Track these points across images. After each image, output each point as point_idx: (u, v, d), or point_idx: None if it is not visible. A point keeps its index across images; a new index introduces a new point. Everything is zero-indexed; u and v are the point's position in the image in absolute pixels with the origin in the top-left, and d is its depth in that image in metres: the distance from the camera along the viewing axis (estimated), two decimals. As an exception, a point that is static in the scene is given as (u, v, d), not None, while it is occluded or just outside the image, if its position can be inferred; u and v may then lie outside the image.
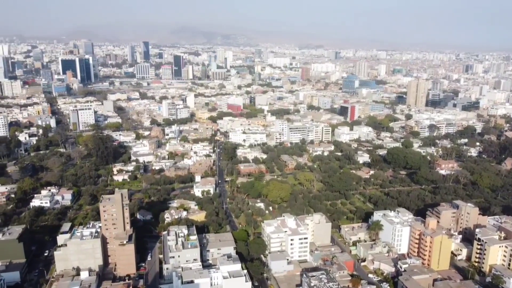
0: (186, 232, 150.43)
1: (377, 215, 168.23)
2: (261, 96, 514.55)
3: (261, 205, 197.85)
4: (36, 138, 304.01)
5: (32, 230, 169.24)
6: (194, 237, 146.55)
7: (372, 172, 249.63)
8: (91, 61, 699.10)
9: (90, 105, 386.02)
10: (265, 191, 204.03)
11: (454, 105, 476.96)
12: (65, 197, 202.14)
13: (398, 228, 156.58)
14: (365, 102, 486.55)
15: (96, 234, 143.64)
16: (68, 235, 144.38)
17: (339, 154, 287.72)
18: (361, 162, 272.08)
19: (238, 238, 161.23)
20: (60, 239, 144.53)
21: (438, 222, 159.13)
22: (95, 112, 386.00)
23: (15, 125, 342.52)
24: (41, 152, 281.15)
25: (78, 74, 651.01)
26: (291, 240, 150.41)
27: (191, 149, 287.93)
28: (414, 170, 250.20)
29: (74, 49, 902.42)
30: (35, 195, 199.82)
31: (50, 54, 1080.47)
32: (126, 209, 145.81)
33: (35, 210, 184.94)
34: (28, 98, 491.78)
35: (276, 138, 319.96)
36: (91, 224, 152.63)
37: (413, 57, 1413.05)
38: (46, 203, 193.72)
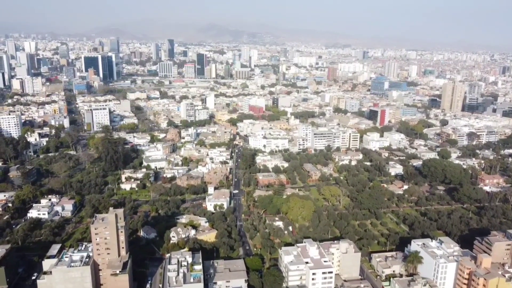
0: (190, 260, 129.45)
1: (415, 245, 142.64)
2: (285, 97, 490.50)
3: (279, 223, 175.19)
4: (47, 139, 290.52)
5: (24, 247, 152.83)
6: (198, 267, 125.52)
7: (405, 186, 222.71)
8: (113, 59, 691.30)
9: (105, 105, 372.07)
10: (284, 208, 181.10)
11: (494, 110, 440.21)
12: (66, 207, 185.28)
13: (442, 264, 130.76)
14: (395, 106, 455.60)
15: (87, 259, 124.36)
16: (55, 260, 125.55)
17: (368, 164, 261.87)
18: (393, 174, 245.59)
19: (251, 266, 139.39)
20: (46, 264, 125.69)
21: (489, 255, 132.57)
22: (112, 112, 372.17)
23: (28, 125, 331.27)
24: (50, 154, 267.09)
25: (100, 72, 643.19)
26: (313, 274, 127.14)
27: (207, 155, 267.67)
28: (453, 185, 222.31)
29: (99, 46, 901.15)
30: (34, 205, 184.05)
31: (77, 51, 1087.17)
32: (122, 232, 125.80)
33: (30, 222, 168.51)
34: (48, 95, 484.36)
35: (299, 144, 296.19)
36: (83, 246, 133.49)
37: (444, 58, 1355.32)
38: (44, 214, 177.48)
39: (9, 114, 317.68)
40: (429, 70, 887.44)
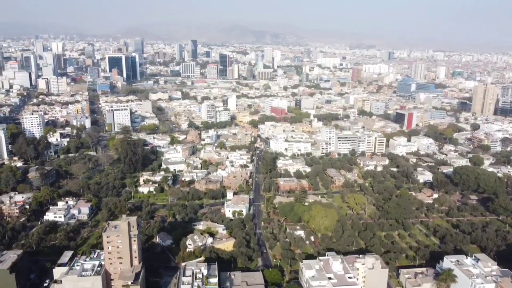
0: (205, 272, 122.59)
1: (448, 261, 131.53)
2: (308, 99, 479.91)
3: (301, 233, 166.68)
4: (68, 139, 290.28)
5: (38, 251, 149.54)
6: (214, 280, 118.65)
7: (435, 195, 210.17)
8: (137, 59, 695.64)
9: (127, 106, 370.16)
10: (306, 217, 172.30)
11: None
12: (82, 210, 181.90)
13: (479, 285, 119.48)
14: (423, 109, 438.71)
15: (99, 269, 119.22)
16: (66, 268, 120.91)
17: (395, 170, 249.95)
18: (421, 181, 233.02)
19: (270, 279, 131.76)
20: (57, 272, 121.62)
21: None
22: (133, 112, 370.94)
23: (51, 124, 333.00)
24: (71, 155, 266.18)
25: (123, 72, 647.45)
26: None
27: (227, 158, 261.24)
28: (487, 194, 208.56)
29: (123, 47, 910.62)
30: (51, 207, 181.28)
31: (103, 51, 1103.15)
32: (135, 240, 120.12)
33: (46, 226, 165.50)
34: (72, 95, 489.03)
35: (322, 148, 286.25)
36: (96, 253, 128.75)
37: (474, 59, 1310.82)
38: (60, 217, 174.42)
39: (32, 114, 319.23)
40: (457, 72, 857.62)
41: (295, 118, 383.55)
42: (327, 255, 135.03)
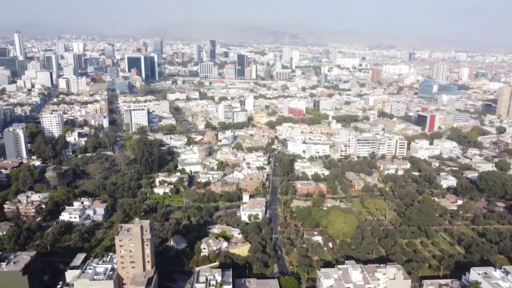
0: (219, 278, 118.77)
1: (475, 273, 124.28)
2: (326, 100, 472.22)
3: (318, 239, 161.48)
4: (86, 138, 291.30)
5: (52, 252, 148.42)
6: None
7: (459, 201, 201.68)
8: (156, 59, 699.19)
9: (144, 106, 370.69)
10: (324, 222, 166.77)
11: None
12: (97, 211, 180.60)
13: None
14: (446, 111, 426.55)
15: (111, 273, 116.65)
16: (78, 271, 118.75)
17: (417, 174, 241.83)
18: (444, 186, 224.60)
19: (286, 287, 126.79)
20: (69, 275, 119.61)
21: None
22: (150, 112, 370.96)
23: (70, 124, 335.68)
24: (88, 154, 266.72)
25: (142, 72, 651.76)
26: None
27: (244, 159, 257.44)
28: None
29: (142, 47, 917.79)
30: (66, 207, 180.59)
31: (123, 52, 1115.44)
32: (147, 245, 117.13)
33: (61, 226, 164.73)
34: (91, 95, 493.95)
35: (341, 151, 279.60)
36: (109, 256, 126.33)
37: (498, 60, 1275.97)
38: (75, 218, 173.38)
39: (52, 113, 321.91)
40: (481, 73, 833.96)
41: (313, 120, 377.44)
42: (346, 264, 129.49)
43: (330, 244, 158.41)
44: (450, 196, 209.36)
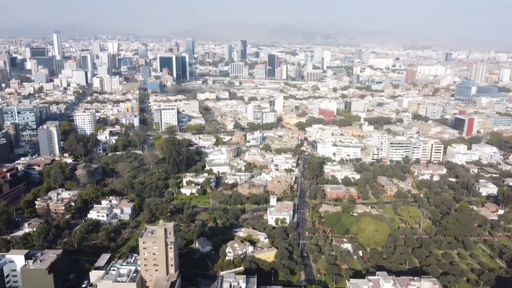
0: (244, 285, 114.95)
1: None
2: (358, 101, 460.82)
3: (348, 246, 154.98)
4: (116, 137, 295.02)
5: (79, 250, 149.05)
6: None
7: (500, 211, 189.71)
8: (187, 59, 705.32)
9: (174, 105, 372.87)
10: (354, 229, 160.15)
11: None
12: (124, 210, 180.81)
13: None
14: (485, 114, 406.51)
15: (135, 275, 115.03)
16: (102, 272, 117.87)
17: (454, 180, 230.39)
18: (484, 194, 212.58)
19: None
20: (93, 275, 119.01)
21: None
22: (180, 112, 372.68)
23: (102, 122, 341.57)
24: (118, 153, 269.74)
25: (174, 72, 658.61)
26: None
27: (272, 161, 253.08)
28: None
29: (174, 47, 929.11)
30: (95, 206, 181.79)
31: (156, 52, 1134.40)
32: (171, 248, 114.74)
33: (89, 224, 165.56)
34: (123, 94, 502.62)
35: (373, 154, 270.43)
36: (133, 258, 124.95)
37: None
38: (103, 216, 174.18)
39: (84, 112, 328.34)
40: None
41: (344, 121, 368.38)
42: (377, 274, 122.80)
43: (360, 253, 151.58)
44: (490, 205, 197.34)
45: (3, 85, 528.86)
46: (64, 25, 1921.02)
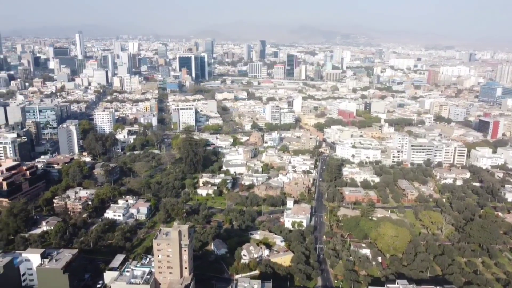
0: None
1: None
2: (379, 102, 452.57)
3: (367, 252, 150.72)
4: (135, 136, 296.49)
5: (95, 250, 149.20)
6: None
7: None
8: (206, 59, 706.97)
9: (192, 105, 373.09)
10: (373, 234, 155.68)
11: None
12: (141, 210, 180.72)
13: None
14: (511, 116, 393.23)
15: (148, 277, 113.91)
16: (116, 273, 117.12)
17: (478, 185, 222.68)
18: (510, 200, 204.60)
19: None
20: (108, 276, 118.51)
21: None
22: (198, 111, 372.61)
23: (121, 121, 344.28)
24: (136, 152, 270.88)
25: (192, 71, 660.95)
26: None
27: (289, 162, 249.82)
28: None
29: (193, 47, 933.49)
30: (111, 205, 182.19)
31: (175, 51, 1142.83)
32: (185, 250, 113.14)
33: (105, 224, 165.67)
34: (143, 93, 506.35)
35: (394, 156, 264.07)
36: (147, 259, 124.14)
37: None
38: (119, 216, 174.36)
39: (104, 111, 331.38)
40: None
41: (364, 123, 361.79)
42: (397, 282, 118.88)
43: (380, 259, 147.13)
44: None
45: (26, 84, 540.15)
46: (87, 25, 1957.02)
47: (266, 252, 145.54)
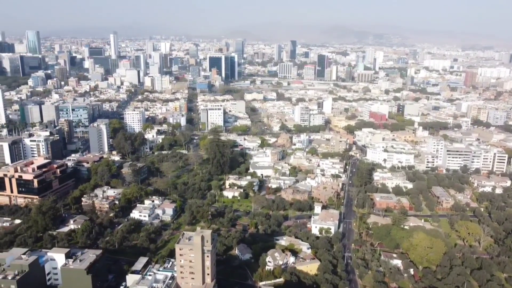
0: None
1: None
2: (412, 104, 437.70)
3: (398, 262, 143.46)
4: (163, 136, 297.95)
5: (120, 250, 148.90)
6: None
7: None
8: (236, 59, 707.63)
9: (221, 105, 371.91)
10: (405, 245, 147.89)
11: None
12: (166, 211, 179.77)
13: None
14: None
15: (170, 281, 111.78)
16: (139, 276, 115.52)
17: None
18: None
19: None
20: (130, 279, 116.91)
21: None
22: (227, 112, 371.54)
23: (151, 121, 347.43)
24: (164, 152, 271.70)
25: (222, 72, 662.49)
26: None
27: (318, 165, 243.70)
28: None
29: (224, 47, 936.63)
30: (138, 205, 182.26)
31: (206, 51, 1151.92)
32: (208, 256, 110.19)
33: (131, 224, 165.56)
34: (173, 93, 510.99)
35: (428, 162, 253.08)
36: (170, 263, 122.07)
37: None
38: (145, 216, 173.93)
39: (134, 110, 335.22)
40: None
41: (396, 126, 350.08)
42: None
43: (412, 271, 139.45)
44: None
45: (62, 83, 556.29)
46: (122, 26, 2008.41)
47: (291, 259, 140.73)
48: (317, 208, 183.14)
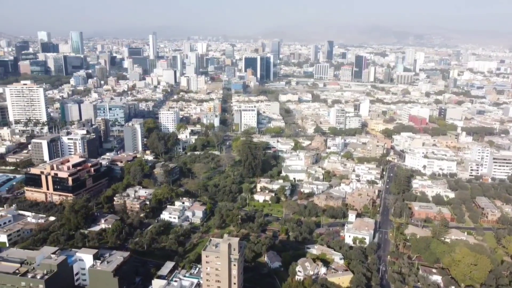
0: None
1: None
2: (455, 108, 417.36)
3: (437, 278, 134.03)
4: (196, 136, 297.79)
5: (148, 252, 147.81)
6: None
7: None
8: (271, 60, 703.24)
9: (254, 106, 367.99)
10: (446, 260, 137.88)
11: None
12: (196, 213, 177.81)
13: None
14: None
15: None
16: (164, 282, 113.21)
17: None
18: None
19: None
20: (156, 284, 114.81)
21: None
22: (260, 113, 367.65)
23: (185, 121, 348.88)
24: (196, 152, 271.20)
25: (257, 72, 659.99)
26: None
27: (353, 171, 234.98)
28: None
29: (260, 48, 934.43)
30: (168, 206, 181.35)
31: (242, 52, 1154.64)
32: (235, 265, 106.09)
33: (160, 225, 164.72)
34: (208, 93, 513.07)
35: (471, 170, 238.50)
36: (197, 269, 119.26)
37: None
38: (174, 218, 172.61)
39: (168, 110, 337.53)
40: None
41: (437, 130, 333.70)
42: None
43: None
44: None
45: (102, 82, 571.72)
46: (161, 27, 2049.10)
47: (323, 270, 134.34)
48: (351, 216, 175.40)
